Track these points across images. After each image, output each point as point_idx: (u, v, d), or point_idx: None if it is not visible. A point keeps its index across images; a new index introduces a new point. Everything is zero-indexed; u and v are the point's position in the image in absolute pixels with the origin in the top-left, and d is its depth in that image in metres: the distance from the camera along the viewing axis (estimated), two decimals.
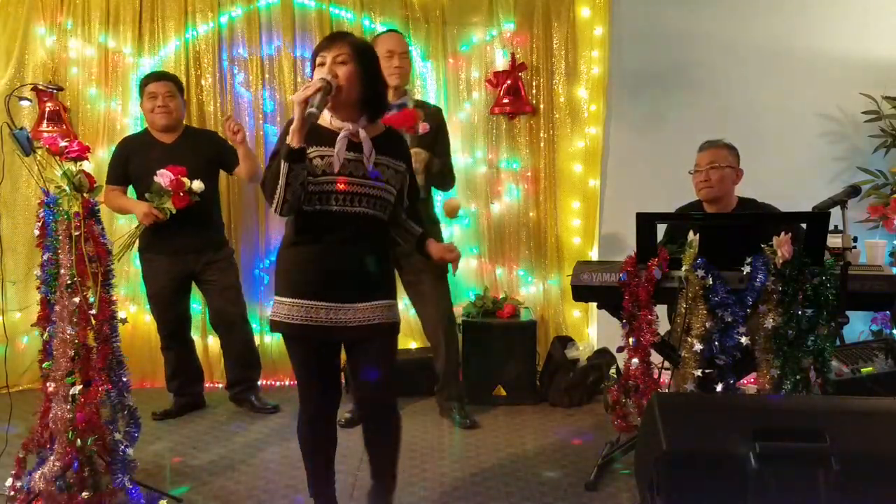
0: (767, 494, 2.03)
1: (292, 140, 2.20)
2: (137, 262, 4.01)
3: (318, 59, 2.33)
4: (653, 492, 2.15)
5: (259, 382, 4.15)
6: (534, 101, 4.46)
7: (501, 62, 4.46)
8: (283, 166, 2.20)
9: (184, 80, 4.34)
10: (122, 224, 4.34)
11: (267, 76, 4.44)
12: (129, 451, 2.65)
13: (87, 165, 2.63)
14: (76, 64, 4.37)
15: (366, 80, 2.33)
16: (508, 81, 4.38)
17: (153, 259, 3.82)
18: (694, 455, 2.09)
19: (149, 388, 4.32)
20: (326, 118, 2.35)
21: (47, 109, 4.19)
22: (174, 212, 3.64)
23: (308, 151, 2.26)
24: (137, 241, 3.82)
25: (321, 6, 4.42)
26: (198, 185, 3.67)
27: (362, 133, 2.32)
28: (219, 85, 4.42)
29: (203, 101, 4.43)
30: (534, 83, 4.49)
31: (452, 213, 3.82)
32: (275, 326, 2.40)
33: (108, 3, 4.34)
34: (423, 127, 3.60)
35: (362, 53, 2.34)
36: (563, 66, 4.47)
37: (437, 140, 3.68)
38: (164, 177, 3.61)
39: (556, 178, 4.54)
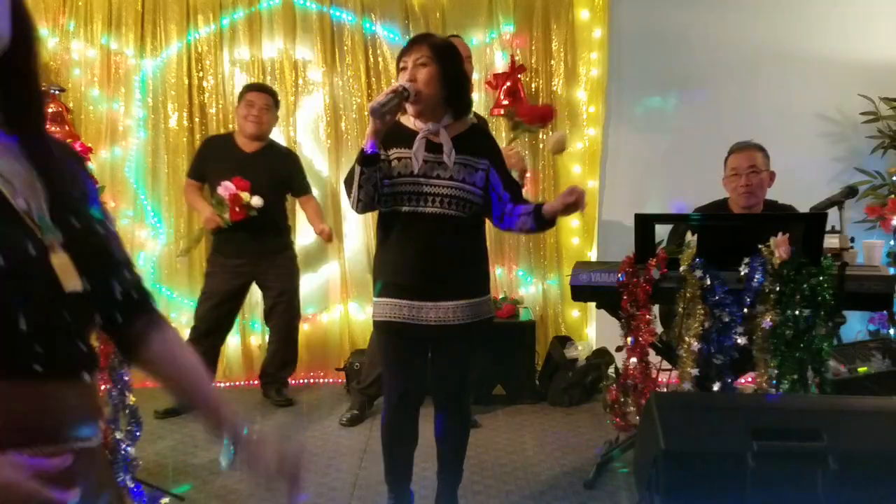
0: (765, 493, 2.05)
1: (365, 143, 2.24)
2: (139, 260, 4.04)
3: (401, 64, 2.35)
4: (651, 490, 2.17)
5: (288, 379, 4.26)
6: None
7: (501, 64, 4.47)
8: (357, 169, 2.25)
9: (185, 82, 4.38)
10: (125, 224, 4.36)
11: (268, 78, 4.45)
12: (131, 449, 2.66)
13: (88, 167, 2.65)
14: (78, 65, 4.38)
15: (447, 78, 2.33)
16: (508, 83, 4.37)
17: (218, 262, 3.96)
18: (692, 454, 2.10)
19: (151, 387, 4.31)
20: (411, 119, 2.36)
21: (49, 111, 4.20)
22: (230, 224, 3.75)
23: (388, 153, 2.30)
24: (211, 243, 3.99)
25: (322, 8, 4.43)
26: (256, 201, 3.75)
27: (443, 133, 2.33)
28: (221, 87, 4.44)
29: (205, 103, 4.44)
30: (533, 85, 4.50)
31: (560, 146, 3.64)
32: (374, 326, 2.50)
33: (111, 5, 4.35)
34: None
35: (442, 53, 2.34)
36: (563, 68, 4.49)
37: None
38: (226, 189, 3.70)
39: (556, 179, 4.55)
